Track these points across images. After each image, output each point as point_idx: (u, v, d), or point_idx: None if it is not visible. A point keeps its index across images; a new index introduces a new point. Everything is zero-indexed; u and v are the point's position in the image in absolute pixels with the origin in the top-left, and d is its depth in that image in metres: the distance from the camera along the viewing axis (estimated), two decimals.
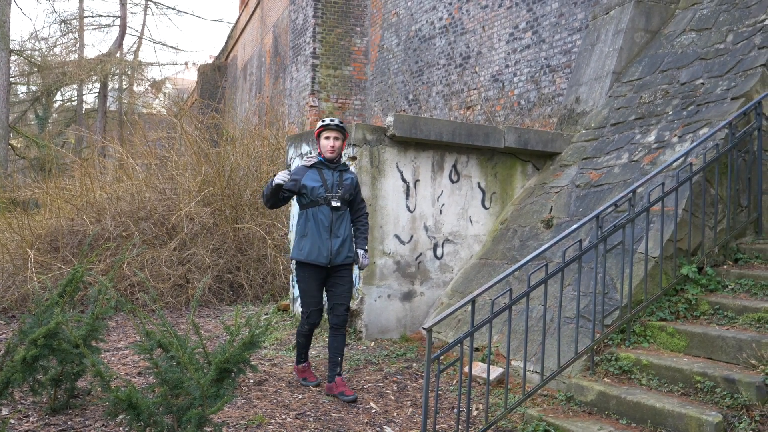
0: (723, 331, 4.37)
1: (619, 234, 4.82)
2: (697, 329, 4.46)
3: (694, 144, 5.05)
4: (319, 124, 4.98)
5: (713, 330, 4.41)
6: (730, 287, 4.92)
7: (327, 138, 4.90)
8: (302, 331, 5.01)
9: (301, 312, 4.96)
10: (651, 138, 6.09)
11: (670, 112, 6.17)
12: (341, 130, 4.93)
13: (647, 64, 7.01)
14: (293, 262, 5.05)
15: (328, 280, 4.90)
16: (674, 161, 4.99)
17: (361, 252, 5.00)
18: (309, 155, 5.09)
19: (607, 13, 7.67)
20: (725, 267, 5.14)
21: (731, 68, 5.96)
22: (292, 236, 7.66)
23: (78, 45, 27.28)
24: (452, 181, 6.68)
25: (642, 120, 6.41)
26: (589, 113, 7.24)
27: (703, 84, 6.13)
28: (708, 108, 5.80)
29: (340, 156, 4.98)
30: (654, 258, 4.91)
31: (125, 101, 28.42)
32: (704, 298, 4.82)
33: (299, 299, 4.97)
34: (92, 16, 32.80)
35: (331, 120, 4.94)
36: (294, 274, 5.03)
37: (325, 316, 5.62)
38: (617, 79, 7.22)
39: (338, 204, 4.84)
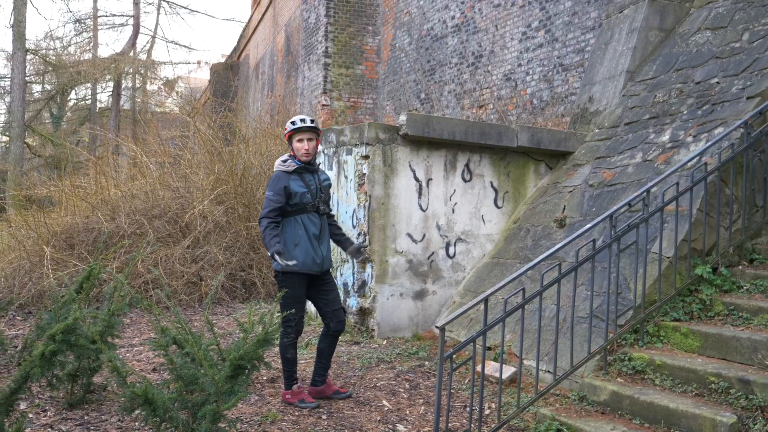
0: (738, 332, 4.35)
1: (632, 234, 4.80)
2: (712, 330, 4.44)
3: (709, 143, 5.02)
4: (289, 126, 4.56)
5: (728, 331, 4.39)
6: (745, 288, 4.89)
7: (300, 141, 4.53)
8: (290, 342, 4.54)
9: (285, 320, 4.39)
10: (665, 137, 6.06)
11: (685, 112, 6.14)
12: (314, 129, 4.56)
13: (661, 63, 6.97)
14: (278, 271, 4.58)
15: (316, 287, 4.66)
16: (689, 161, 4.96)
17: (356, 245, 4.93)
18: (284, 161, 4.57)
19: (621, 12, 7.64)
20: (740, 267, 5.10)
21: (747, 67, 5.92)
22: None
23: (92, 44, 27.47)
24: (465, 180, 6.68)
25: (656, 119, 6.38)
26: (603, 112, 7.22)
27: (718, 83, 6.09)
28: (723, 107, 5.77)
29: (315, 156, 4.67)
30: (668, 258, 4.89)
31: (139, 100, 28.59)
32: (719, 298, 4.80)
33: (281, 306, 4.44)
34: (106, 16, 33.17)
35: (302, 120, 4.55)
36: (278, 280, 4.57)
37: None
38: (631, 78, 7.18)
39: (324, 209, 4.64)
